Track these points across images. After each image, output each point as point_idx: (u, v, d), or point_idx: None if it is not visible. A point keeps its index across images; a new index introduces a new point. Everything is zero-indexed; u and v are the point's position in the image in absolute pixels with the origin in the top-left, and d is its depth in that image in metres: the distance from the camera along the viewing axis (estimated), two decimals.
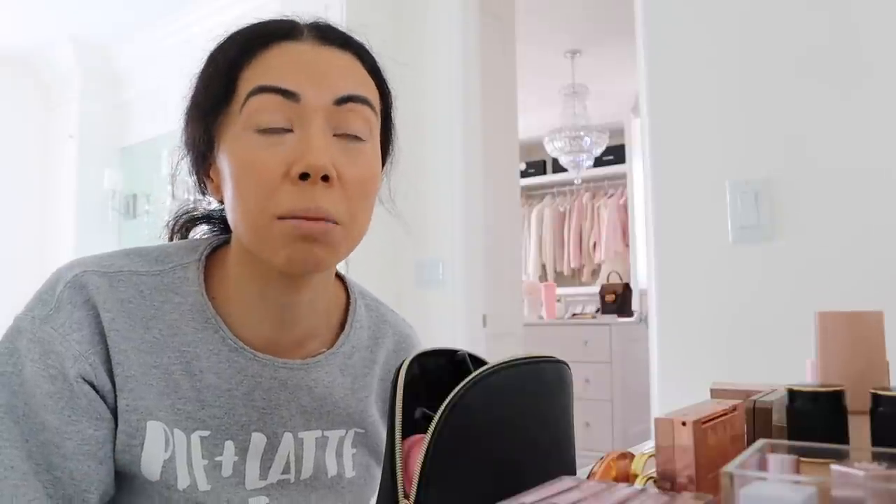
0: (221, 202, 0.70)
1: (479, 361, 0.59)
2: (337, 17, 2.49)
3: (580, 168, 4.70)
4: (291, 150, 0.62)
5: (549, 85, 4.42)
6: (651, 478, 0.54)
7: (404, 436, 0.52)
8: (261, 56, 0.65)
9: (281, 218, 0.61)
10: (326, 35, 0.68)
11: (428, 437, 0.48)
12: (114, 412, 0.64)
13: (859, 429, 0.57)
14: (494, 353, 1.00)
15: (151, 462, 0.64)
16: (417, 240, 2.55)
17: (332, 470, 0.74)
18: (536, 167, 5.68)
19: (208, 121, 0.67)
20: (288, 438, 0.71)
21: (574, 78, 4.32)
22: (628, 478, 0.58)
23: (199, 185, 0.73)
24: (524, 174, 5.43)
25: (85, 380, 0.62)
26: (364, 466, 0.77)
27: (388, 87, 0.73)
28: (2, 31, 3.75)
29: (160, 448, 0.64)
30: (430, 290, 2.48)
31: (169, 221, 0.80)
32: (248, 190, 0.63)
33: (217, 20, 3.22)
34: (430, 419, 0.49)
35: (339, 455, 0.75)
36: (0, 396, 0.61)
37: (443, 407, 0.49)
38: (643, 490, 0.41)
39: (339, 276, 0.81)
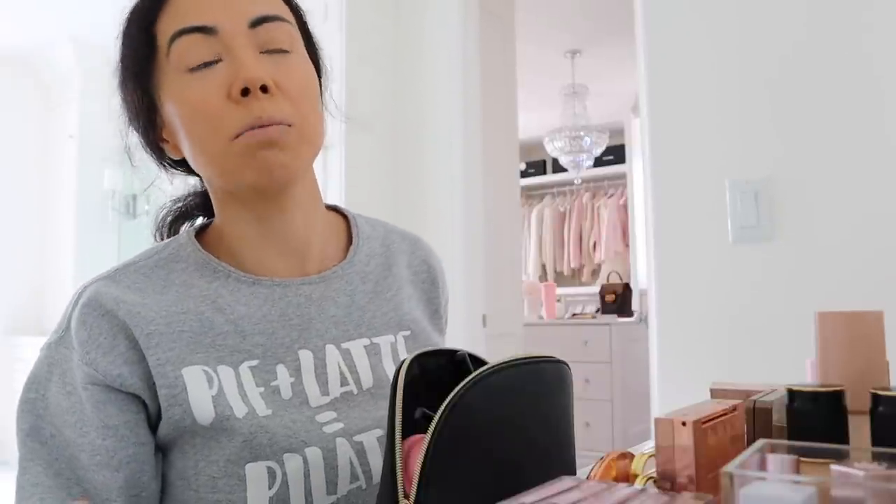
0: (185, 161, 0.72)
1: (479, 361, 0.59)
2: (337, 17, 2.49)
3: (580, 168, 4.70)
4: (225, 74, 0.65)
5: (549, 85, 4.43)
6: (651, 478, 0.54)
7: (404, 436, 0.52)
8: (168, 4, 0.68)
9: (236, 137, 0.64)
10: None
11: (428, 437, 0.48)
12: (147, 381, 0.63)
13: (859, 429, 0.57)
14: (494, 353, 1.00)
15: (201, 402, 0.63)
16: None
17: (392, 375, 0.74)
18: (536, 167, 5.68)
19: (142, 81, 0.69)
20: (332, 351, 0.71)
21: (574, 78, 4.32)
22: (628, 478, 0.58)
23: (157, 155, 0.74)
24: (524, 174, 5.44)
25: (91, 383, 0.63)
26: None
27: (296, 4, 0.75)
28: (2, 31, 3.76)
29: (204, 388, 0.64)
30: None
31: (155, 226, 0.82)
32: (198, 124, 0.65)
33: None
34: (430, 419, 0.49)
35: (396, 361, 0.74)
36: (26, 421, 0.64)
37: (443, 407, 0.49)
38: (643, 490, 0.41)
39: (333, 207, 0.82)
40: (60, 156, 4.23)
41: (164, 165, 0.76)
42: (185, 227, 0.80)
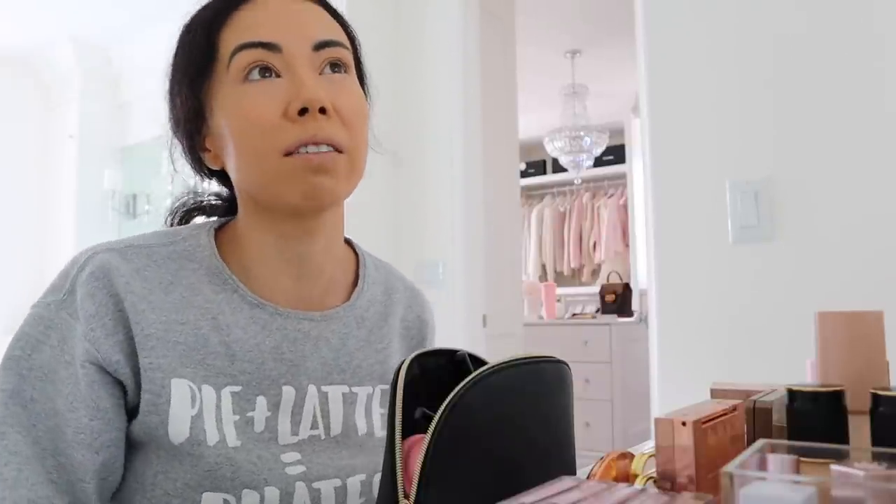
0: (222, 169, 0.72)
1: (479, 361, 0.59)
2: None
3: (580, 168, 4.70)
4: (285, 91, 0.65)
5: (549, 85, 4.43)
6: (651, 478, 0.54)
7: (404, 436, 0.52)
8: (235, 16, 0.68)
9: (288, 154, 0.64)
10: None
11: (428, 437, 0.48)
12: (135, 377, 0.63)
13: (859, 429, 0.57)
14: (494, 353, 1.00)
15: (179, 420, 0.63)
16: (417, 240, 2.55)
17: (361, 428, 0.73)
18: (536, 167, 5.68)
19: (196, 89, 0.69)
20: (312, 391, 0.71)
21: (574, 78, 4.32)
22: (628, 478, 0.58)
23: (195, 163, 0.74)
24: (524, 174, 5.43)
25: (90, 362, 0.62)
26: None
27: (353, 33, 0.76)
28: (2, 31, 3.75)
29: (187, 405, 0.64)
30: (430, 290, 2.46)
31: (168, 214, 0.81)
32: (251, 137, 0.65)
33: None
34: (430, 419, 0.49)
35: (368, 414, 0.75)
36: (8, 381, 0.62)
37: (443, 407, 0.49)
38: (643, 490, 0.41)
39: (346, 240, 0.82)
40: (60, 156, 4.23)
41: (202, 174, 0.76)
42: (198, 220, 0.80)
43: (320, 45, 0.67)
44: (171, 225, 0.80)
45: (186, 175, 0.78)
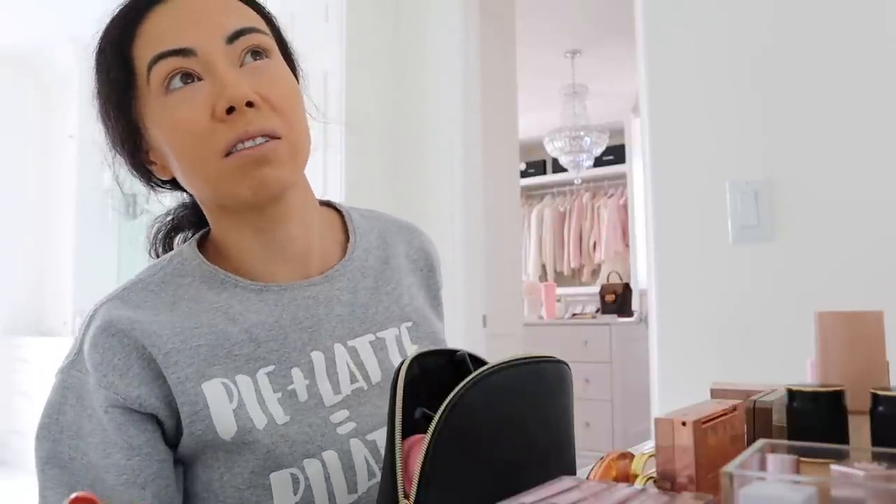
0: (173, 180, 0.72)
1: (479, 361, 0.59)
2: (337, 18, 2.49)
3: (580, 168, 4.70)
4: (209, 94, 0.64)
5: (549, 85, 4.43)
6: (651, 478, 0.54)
7: (404, 436, 0.52)
8: (142, 27, 0.67)
9: (227, 154, 0.64)
10: None
11: (428, 437, 0.48)
12: (166, 400, 0.64)
13: (859, 429, 0.57)
14: (494, 353, 1.00)
15: (223, 417, 0.64)
16: None
17: None
18: (536, 167, 5.68)
19: (124, 110, 0.69)
20: (340, 350, 0.71)
21: (574, 78, 4.32)
22: (628, 478, 0.58)
23: (144, 177, 0.74)
24: (524, 174, 5.44)
25: (112, 406, 0.63)
26: None
27: (269, 14, 0.74)
28: (2, 31, 3.76)
29: (224, 401, 0.64)
30: None
31: (149, 242, 0.81)
32: (186, 146, 0.65)
33: None
34: (430, 419, 0.49)
35: (402, 353, 0.75)
36: (43, 449, 0.64)
37: (443, 407, 0.49)
38: (643, 490, 0.41)
39: (327, 202, 0.82)
40: (60, 156, 4.23)
41: (152, 186, 0.76)
42: (178, 240, 0.81)
43: (233, 36, 0.66)
44: (156, 255, 0.81)
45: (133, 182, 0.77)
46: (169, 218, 0.82)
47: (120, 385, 0.63)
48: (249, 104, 0.64)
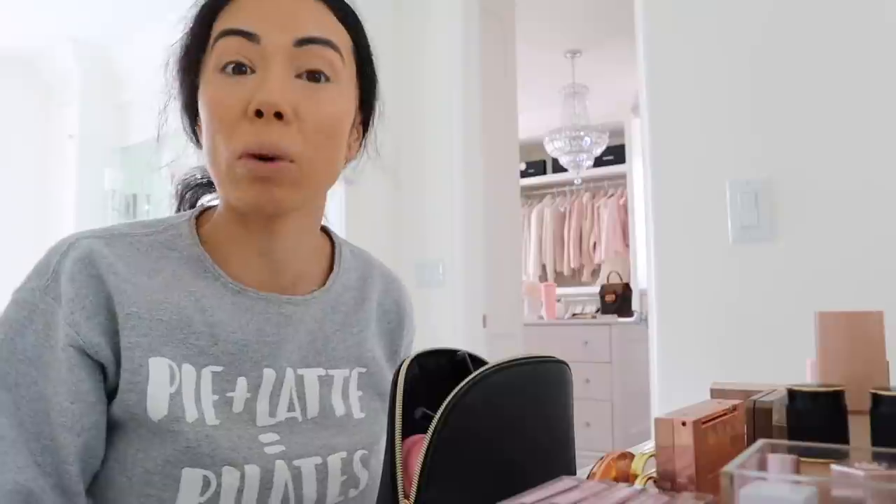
0: None
1: (479, 361, 0.59)
2: None
3: (580, 168, 4.70)
4: (250, 88, 0.64)
5: (549, 85, 4.42)
6: (651, 478, 0.54)
7: (404, 436, 0.52)
8: (233, 3, 0.68)
9: (240, 157, 0.64)
10: None
11: (428, 437, 0.48)
12: (115, 358, 0.64)
13: (859, 429, 0.57)
14: (494, 353, 1.00)
15: (157, 396, 0.63)
16: (417, 240, 2.55)
17: (339, 409, 0.74)
18: (536, 167, 5.68)
19: (192, 70, 0.70)
20: (289, 374, 0.71)
21: (574, 78, 4.32)
22: (628, 478, 0.58)
23: (195, 139, 0.75)
24: (524, 174, 5.43)
25: (71, 345, 0.62)
26: (372, 409, 0.77)
27: (362, 38, 0.74)
28: (2, 31, 3.75)
29: (165, 383, 0.64)
30: (431, 290, 2.48)
31: (176, 190, 0.82)
32: (214, 129, 0.65)
33: None
34: (430, 419, 0.49)
35: (345, 396, 0.75)
36: None
37: (443, 407, 0.49)
38: (643, 490, 0.41)
39: (323, 228, 0.82)
40: (60, 156, 4.23)
41: (199, 142, 0.76)
42: (203, 200, 0.81)
43: (303, 42, 0.66)
44: (179, 208, 0.81)
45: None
46: (206, 174, 0.80)
47: (84, 327, 0.63)
48: (278, 115, 0.63)
